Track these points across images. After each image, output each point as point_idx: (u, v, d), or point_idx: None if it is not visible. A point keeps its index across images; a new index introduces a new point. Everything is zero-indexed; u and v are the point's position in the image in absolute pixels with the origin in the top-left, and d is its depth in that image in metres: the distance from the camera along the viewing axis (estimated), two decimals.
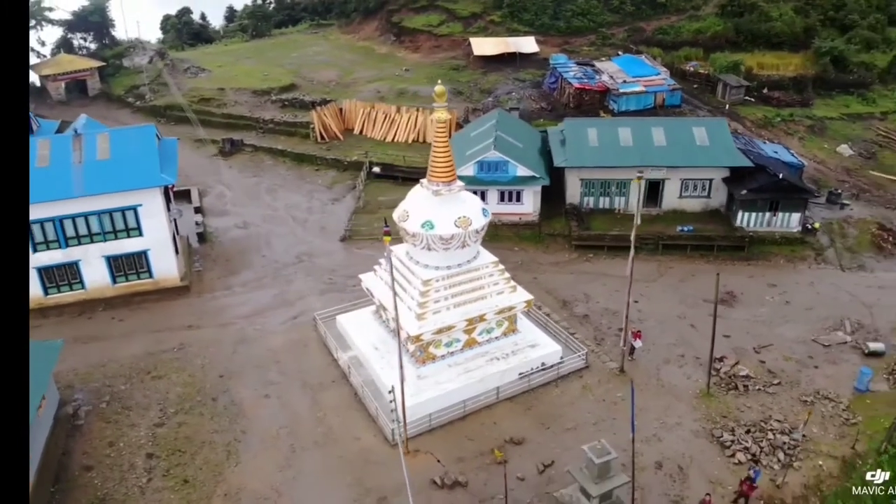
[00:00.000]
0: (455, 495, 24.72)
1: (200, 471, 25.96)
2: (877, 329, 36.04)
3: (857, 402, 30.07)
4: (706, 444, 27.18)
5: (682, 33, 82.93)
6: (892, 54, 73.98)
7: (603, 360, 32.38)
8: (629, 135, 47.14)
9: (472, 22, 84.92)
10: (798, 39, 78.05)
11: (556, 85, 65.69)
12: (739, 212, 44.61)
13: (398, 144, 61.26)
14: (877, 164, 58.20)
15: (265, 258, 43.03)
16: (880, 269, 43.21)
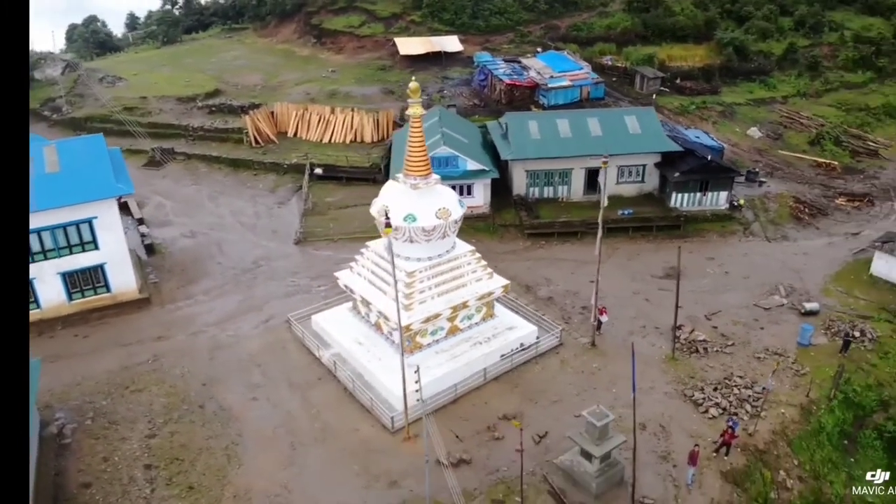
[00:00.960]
0: (462, 472, 25.75)
1: (204, 476, 25.80)
2: (808, 291, 39.85)
3: (803, 355, 33.33)
4: (681, 404, 29.49)
5: (594, 29, 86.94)
6: (786, 42, 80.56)
7: (574, 336, 34.30)
8: (567, 126, 49.55)
9: (393, 22, 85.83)
10: (701, 32, 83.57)
11: (486, 82, 67.64)
12: (673, 193, 47.85)
13: (335, 145, 61.36)
14: (784, 143, 63.55)
15: (221, 265, 42.48)
16: (801, 237, 47.58)
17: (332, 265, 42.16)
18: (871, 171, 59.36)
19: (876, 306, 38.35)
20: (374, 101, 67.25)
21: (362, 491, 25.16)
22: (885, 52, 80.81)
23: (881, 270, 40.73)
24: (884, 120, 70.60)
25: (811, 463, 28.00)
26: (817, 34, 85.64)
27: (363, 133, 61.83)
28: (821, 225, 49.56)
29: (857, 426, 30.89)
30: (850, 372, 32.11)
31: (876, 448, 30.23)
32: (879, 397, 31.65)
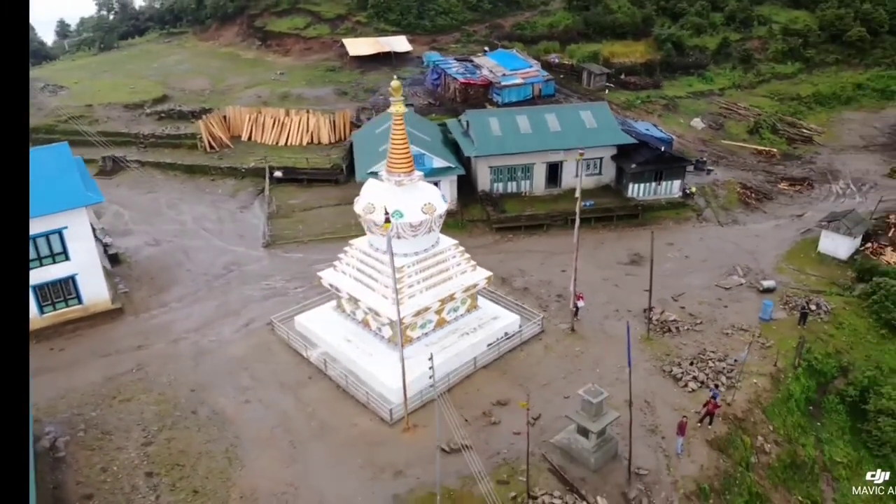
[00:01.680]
0: (463, 458, 26.49)
1: (207, 480, 25.74)
2: (763, 270, 42.30)
3: (766, 329, 35.49)
4: (661, 380, 31.05)
5: (537, 28, 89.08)
6: (719, 37, 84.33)
7: (554, 322, 35.54)
8: (527, 122, 50.91)
9: (339, 23, 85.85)
10: (639, 28, 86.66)
11: (440, 81, 68.52)
12: (630, 184, 49.85)
13: (292, 148, 61.09)
14: (725, 133, 66.79)
15: (191, 272, 41.97)
16: (750, 221, 50.33)
17: (305, 267, 42.41)
18: (808, 157, 63.04)
19: (826, 281, 41.11)
20: (327, 103, 67.24)
21: (369, 482, 25.62)
22: (812, 43, 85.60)
23: (828, 248, 43.59)
24: (814, 108, 75.03)
25: (784, 428, 30.04)
26: (747, 28, 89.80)
27: (320, 134, 61.77)
28: (767, 209, 52.51)
29: (821, 392, 33.22)
30: (811, 342, 34.43)
31: (839, 412, 32.61)
32: (839, 364, 34.08)
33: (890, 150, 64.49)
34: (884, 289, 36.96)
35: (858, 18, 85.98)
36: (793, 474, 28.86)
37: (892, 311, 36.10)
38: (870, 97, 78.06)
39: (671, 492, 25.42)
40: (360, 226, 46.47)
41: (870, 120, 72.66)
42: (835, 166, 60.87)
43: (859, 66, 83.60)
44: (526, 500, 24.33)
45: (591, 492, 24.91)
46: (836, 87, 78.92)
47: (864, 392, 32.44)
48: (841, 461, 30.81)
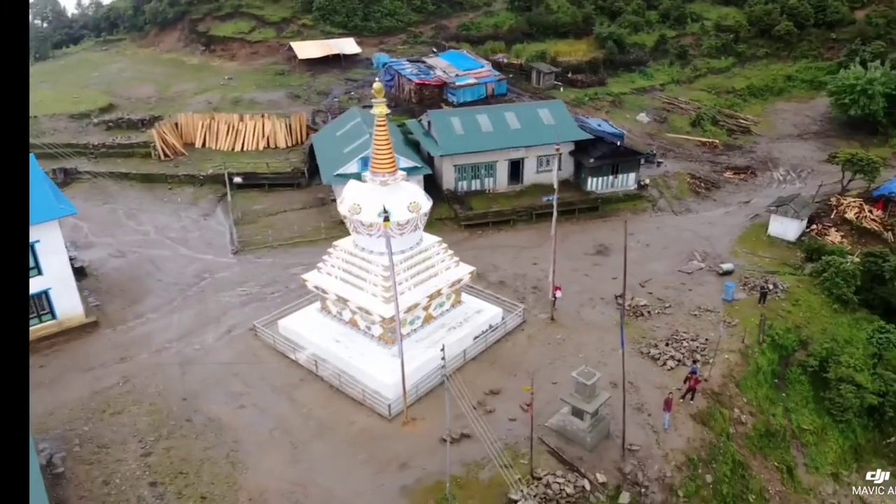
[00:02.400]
0: (465, 446, 27.36)
1: (213, 485, 25.79)
2: (719, 254, 44.70)
3: (729, 309, 37.63)
4: (641, 361, 32.65)
5: (482, 28, 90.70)
6: (656, 34, 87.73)
7: (534, 313, 36.79)
8: (488, 121, 52.15)
9: (285, 27, 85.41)
10: (580, 27, 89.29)
11: (394, 82, 69.07)
12: (589, 178, 51.74)
13: (248, 153, 60.75)
14: (669, 126, 69.67)
15: (162, 282, 41.42)
16: (702, 209, 52.94)
17: (279, 272, 42.47)
18: (748, 147, 66.51)
19: (778, 262, 43.80)
20: (281, 107, 66.99)
21: (375, 476, 26.18)
22: (743, 38, 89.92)
23: (777, 231, 46.38)
24: (749, 100, 78.98)
25: (756, 399, 32.11)
26: (681, 25, 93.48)
27: (276, 139, 61.59)
28: (716, 197, 55.34)
29: (784, 365, 35.54)
30: (771, 319, 36.72)
31: (802, 382, 34.98)
32: (798, 338, 36.51)
33: (822, 137, 68.67)
34: (833, 266, 39.67)
35: (785, 13, 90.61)
36: (767, 442, 30.94)
37: (841, 287, 38.82)
38: (799, 88, 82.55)
39: (663, 464, 26.96)
40: (330, 229, 47.22)
41: (801, 109, 76.99)
42: (773, 154, 64.48)
43: (788, 59, 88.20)
44: (530, 481, 25.35)
45: (589, 469, 26.17)
46: (768, 80, 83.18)
47: (823, 362, 34.86)
48: (808, 428, 33.14)
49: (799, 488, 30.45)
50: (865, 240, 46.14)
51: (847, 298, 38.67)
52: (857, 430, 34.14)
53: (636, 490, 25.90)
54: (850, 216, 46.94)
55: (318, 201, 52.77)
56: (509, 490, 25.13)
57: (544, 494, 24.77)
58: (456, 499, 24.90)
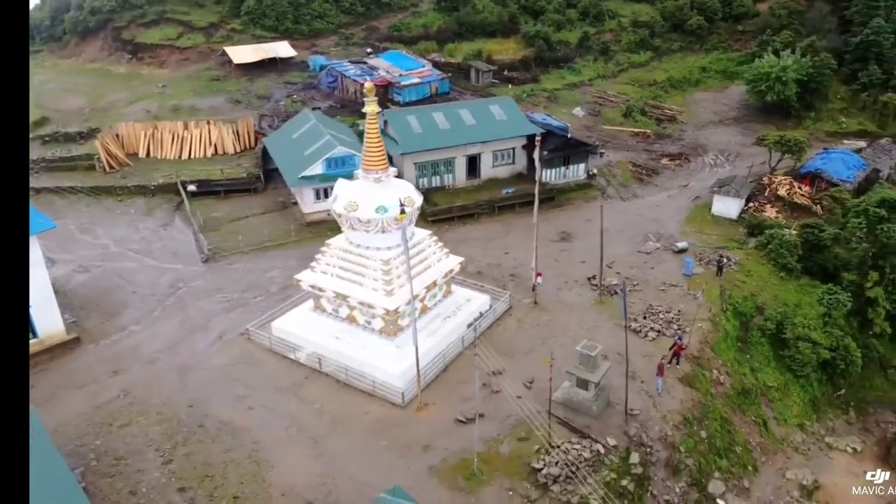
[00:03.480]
0: (481, 424, 28.55)
1: (242, 485, 26.09)
2: (671, 235, 47.97)
3: (691, 282, 40.67)
4: (624, 334, 34.93)
5: (412, 29, 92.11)
6: (579, 32, 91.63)
7: (517, 298, 38.58)
8: (444, 119, 53.65)
9: (214, 32, 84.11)
10: (507, 27, 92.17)
11: (337, 84, 69.47)
12: (544, 170, 54.04)
13: (197, 161, 59.81)
14: (603, 119, 73.28)
15: (137, 294, 40.64)
16: (646, 194, 56.39)
17: (255, 277, 42.50)
18: (677, 135, 70.94)
19: (725, 238, 47.47)
20: (223, 112, 66.24)
21: (401, 460, 27.22)
22: (658, 33, 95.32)
23: (720, 210, 50.19)
24: (670, 91, 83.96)
25: (729, 362, 35.10)
26: (600, 22, 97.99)
27: (224, 145, 60.92)
28: (657, 182, 59.02)
29: (745, 329, 38.84)
30: (730, 289, 40.02)
31: (763, 344, 38.37)
32: (755, 305, 39.95)
33: (742, 122, 74.09)
34: (777, 239, 43.52)
35: (695, 8, 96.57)
36: (744, 399, 33.97)
37: (785, 257, 42.67)
38: (714, 78, 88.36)
39: (662, 425, 29.32)
40: (300, 231, 47.54)
41: (718, 98, 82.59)
42: (701, 141, 69.13)
43: (700, 52, 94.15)
44: (549, 450, 27.08)
45: (599, 435, 28.13)
46: (685, 72, 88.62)
47: (779, 325, 38.35)
48: (772, 385, 36.47)
49: (773, 439, 33.62)
50: (797, 214, 50.63)
51: (791, 267, 42.52)
52: (815, 384, 37.81)
53: (643, 450, 28.08)
54: (782, 193, 51.35)
55: (280, 205, 52.80)
56: (531, 460, 26.76)
57: (565, 461, 26.52)
58: (483, 473, 26.30)
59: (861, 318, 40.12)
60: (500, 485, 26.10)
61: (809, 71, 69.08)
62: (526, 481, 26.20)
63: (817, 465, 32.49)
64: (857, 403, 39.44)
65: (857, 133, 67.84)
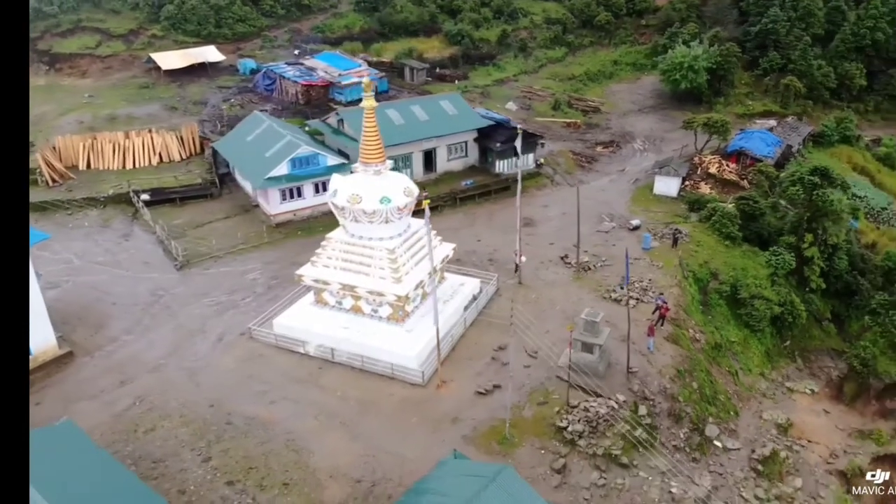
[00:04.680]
0: (498, 395, 30.83)
1: (288, 472, 26.95)
2: (622, 214, 51.75)
3: (651, 255, 44.38)
4: (608, 304, 37.99)
5: (334, 30, 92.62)
6: (498, 30, 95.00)
7: (502, 280, 40.87)
8: (398, 115, 55.15)
9: (133, 39, 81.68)
10: (428, 26, 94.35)
11: (275, 86, 69.35)
12: (496, 161, 56.73)
13: (143, 170, 58.34)
14: (534, 112, 76.84)
15: (118, 305, 39.94)
16: (590, 179, 60.13)
17: (236, 279, 42.72)
18: (604, 124, 75.44)
19: (670, 214, 51.68)
20: (161, 119, 64.80)
21: (434, 433, 28.89)
22: (570, 29, 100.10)
23: (661, 189, 54.51)
24: (588, 84, 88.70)
25: (700, 322, 38.84)
26: (514, 20, 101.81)
27: (170, 152, 59.73)
28: (597, 168, 62.96)
29: (704, 293, 42.88)
30: (686, 259, 44.00)
31: (721, 305, 42.50)
32: (709, 271, 44.07)
33: (659, 110, 79.63)
34: (718, 212, 48.03)
35: (601, 5, 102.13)
36: (717, 353, 37.80)
37: (728, 227, 47.19)
38: (626, 71, 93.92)
39: (659, 379, 32.46)
40: (272, 232, 47.93)
41: (633, 89, 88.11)
42: (626, 129, 73.91)
43: (610, 46, 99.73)
44: (569, 409, 29.52)
45: (607, 394, 30.86)
46: (599, 66, 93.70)
47: (733, 287, 42.61)
48: (734, 340, 40.60)
49: (744, 387, 37.62)
50: (727, 189, 55.73)
51: (734, 235, 47.10)
52: (768, 337, 42.32)
53: (648, 403, 31.06)
54: (713, 171, 56.34)
55: (241, 209, 52.66)
56: (555, 420, 29.14)
57: (585, 418, 29.05)
58: (514, 436, 28.41)
59: (798, 277, 45.07)
60: (532, 445, 28.33)
61: (717, 59, 75.33)
62: (554, 439, 28.57)
63: (784, 407, 36.70)
64: (801, 352, 44.39)
65: (762, 114, 74.60)
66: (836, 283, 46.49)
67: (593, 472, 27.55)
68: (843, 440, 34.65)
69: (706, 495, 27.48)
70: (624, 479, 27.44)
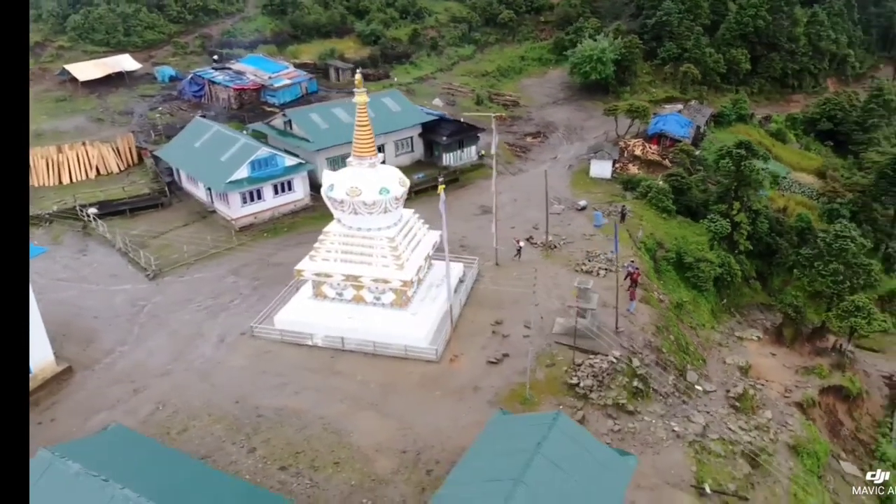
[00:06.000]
0: (508, 363, 33.46)
1: (334, 452, 28.26)
2: (567, 197, 55.80)
3: (604, 230, 48.49)
4: (582, 276, 41.40)
5: (245, 33, 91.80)
6: (409, 29, 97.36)
7: (482, 263, 43.50)
8: (344, 113, 56.52)
9: (41, 51, 78.03)
10: (340, 27, 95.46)
11: (203, 91, 68.40)
12: (444, 154, 59.30)
13: (81, 183, 56.56)
14: (460, 108, 79.85)
15: (100, 318, 39.21)
16: (528, 168, 64.18)
17: (215, 284, 43.01)
18: (527, 117, 79.75)
19: (609, 194, 56.28)
20: (90, 132, 62.72)
21: (459, 402, 31.12)
22: (475, 27, 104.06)
23: (597, 172, 59.09)
24: (501, 80, 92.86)
25: (660, 286, 43.24)
26: (421, 19, 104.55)
27: (108, 164, 58.04)
28: (532, 157, 66.98)
29: (654, 260, 47.48)
30: (635, 231, 48.48)
31: (670, 271, 47.22)
32: (655, 241, 48.79)
33: (572, 101, 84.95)
34: (653, 188, 53.03)
35: (503, 3, 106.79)
36: (678, 312, 42.26)
37: (664, 202, 52.30)
38: (533, 66, 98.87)
39: (643, 335, 36.32)
40: (241, 235, 48.24)
41: (542, 82, 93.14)
42: (548, 119, 78.60)
43: (514, 43, 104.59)
44: (575, 368, 32.67)
45: (605, 351, 34.27)
46: (507, 62, 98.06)
47: (678, 254, 47.44)
48: (686, 300, 45.35)
49: (704, 339, 42.33)
50: (652, 169, 61.19)
51: (670, 209, 52.26)
52: (712, 296, 47.52)
53: (638, 356, 34.74)
54: (638, 153, 61.61)
55: (198, 215, 52.27)
56: (565, 378, 32.21)
57: (592, 373, 32.31)
58: (534, 396, 31.19)
59: (728, 241, 50.71)
60: (550, 402, 31.17)
61: (622, 51, 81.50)
62: (568, 395, 31.58)
63: (739, 353, 41.64)
64: (736, 308, 50.11)
65: (665, 100, 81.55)
66: (759, 244, 52.63)
67: (608, 420, 30.77)
68: (792, 377, 39.95)
69: (702, 430, 31.39)
70: (634, 424, 30.83)
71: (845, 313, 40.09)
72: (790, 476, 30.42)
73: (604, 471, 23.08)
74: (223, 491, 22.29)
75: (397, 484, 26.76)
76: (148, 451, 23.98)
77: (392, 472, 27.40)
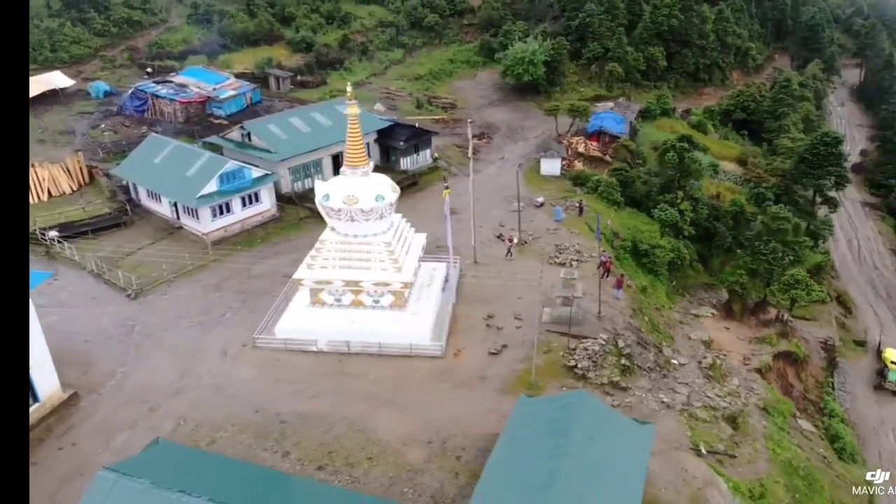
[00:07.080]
0: (507, 353, 36.01)
1: (364, 449, 29.82)
2: (523, 195, 58.61)
3: (566, 224, 51.93)
4: (556, 268, 44.35)
5: (173, 44, 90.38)
6: (339, 34, 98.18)
7: (462, 261, 45.78)
8: (301, 123, 57.50)
9: None
10: (268, 34, 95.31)
11: (146, 106, 67.28)
12: (401, 159, 61.15)
13: (35, 206, 54.64)
14: (402, 112, 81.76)
15: (91, 342, 38.89)
16: (482, 168, 66.31)
17: (202, 299, 43.38)
18: (467, 118, 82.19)
19: (561, 190, 59.84)
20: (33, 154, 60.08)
21: (471, 392, 33.37)
22: (402, 31, 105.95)
23: (547, 170, 62.57)
24: (435, 83, 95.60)
25: (625, 272, 46.96)
26: (347, 24, 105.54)
27: (60, 185, 56.50)
28: (482, 158, 69.61)
29: (613, 249, 51.26)
30: (592, 224, 52.08)
31: (627, 258, 51.13)
32: (612, 231, 52.60)
33: (507, 102, 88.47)
34: (602, 182, 56.97)
35: (428, 7, 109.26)
36: (646, 295, 46.07)
37: (613, 195, 56.30)
38: (462, 68, 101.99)
39: (622, 317, 39.74)
40: (217, 248, 48.64)
41: (474, 84, 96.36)
42: (488, 120, 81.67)
43: (441, 46, 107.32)
44: (570, 352, 35.59)
45: (593, 335, 37.38)
46: (438, 65, 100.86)
47: (633, 242, 51.45)
48: (645, 285, 49.36)
49: (668, 319, 46.36)
50: (595, 164, 65.32)
51: (619, 201, 56.34)
52: (665, 280, 51.82)
53: (622, 337, 38.08)
54: (581, 150, 65.56)
55: (164, 232, 51.96)
56: (564, 362, 35.09)
57: (587, 355, 35.33)
58: (539, 380, 33.87)
59: (673, 228, 55.27)
60: (553, 385, 33.92)
61: (551, 53, 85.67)
62: (568, 377, 34.44)
63: (698, 329, 45.97)
64: (684, 289, 54.75)
65: (593, 98, 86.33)
66: (699, 229, 57.52)
67: (606, 397, 33.81)
68: (746, 347, 44.56)
69: (686, 400, 35.01)
70: (629, 399, 34.04)
71: (786, 286, 44.98)
72: (765, 434, 34.47)
73: (630, 438, 25.99)
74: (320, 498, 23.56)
75: (432, 472, 28.69)
76: (209, 461, 24.92)
77: (424, 462, 29.30)
